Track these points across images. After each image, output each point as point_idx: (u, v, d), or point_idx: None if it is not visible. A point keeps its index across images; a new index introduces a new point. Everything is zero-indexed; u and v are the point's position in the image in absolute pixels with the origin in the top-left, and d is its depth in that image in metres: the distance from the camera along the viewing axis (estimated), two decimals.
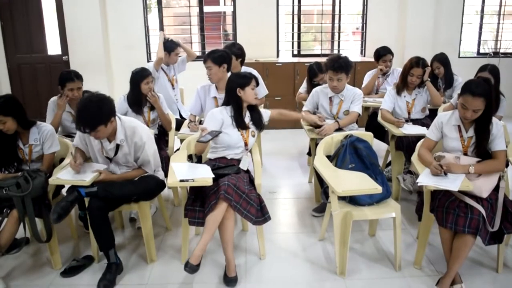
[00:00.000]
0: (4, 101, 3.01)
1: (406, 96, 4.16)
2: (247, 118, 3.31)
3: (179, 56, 5.03)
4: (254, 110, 3.37)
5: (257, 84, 3.34)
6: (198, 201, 2.98)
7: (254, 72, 4.64)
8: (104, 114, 2.80)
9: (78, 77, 3.78)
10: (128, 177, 3.08)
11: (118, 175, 3.08)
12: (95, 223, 2.89)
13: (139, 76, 3.87)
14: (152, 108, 3.95)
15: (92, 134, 2.86)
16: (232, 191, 2.80)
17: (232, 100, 3.26)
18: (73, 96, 3.78)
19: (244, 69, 4.66)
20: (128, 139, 3.01)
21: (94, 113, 2.76)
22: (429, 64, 4.87)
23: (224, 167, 3.08)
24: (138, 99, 3.89)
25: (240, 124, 3.25)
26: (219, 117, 3.22)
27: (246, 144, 3.27)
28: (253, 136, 3.33)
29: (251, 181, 3.14)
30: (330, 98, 3.98)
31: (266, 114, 3.54)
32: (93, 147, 3.08)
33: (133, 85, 3.89)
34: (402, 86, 4.16)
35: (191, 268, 2.69)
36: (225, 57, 3.91)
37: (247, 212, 2.87)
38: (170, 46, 4.83)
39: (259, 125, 3.38)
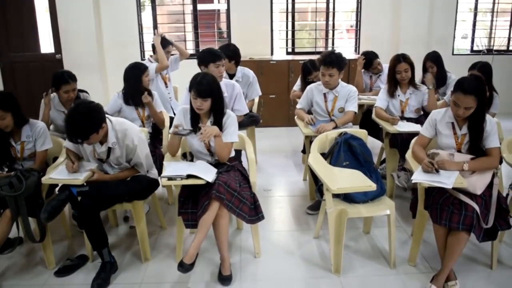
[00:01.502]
0: (4, 96, 3.04)
1: (400, 95, 4.15)
2: (208, 124, 3.06)
3: (171, 55, 5.02)
4: (217, 114, 3.06)
5: (198, 95, 2.93)
6: (190, 203, 2.96)
7: (251, 74, 4.69)
8: (95, 123, 2.77)
9: (72, 78, 3.76)
10: (120, 177, 3.07)
11: (111, 175, 3.06)
12: (87, 223, 2.88)
13: (140, 71, 3.88)
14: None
15: (85, 142, 2.85)
16: (224, 190, 2.78)
17: (191, 104, 3.08)
18: (68, 97, 3.77)
19: (240, 69, 4.66)
20: (120, 141, 2.99)
21: (84, 124, 2.71)
22: (424, 62, 4.91)
23: (214, 166, 3.06)
24: (139, 92, 3.86)
25: (192, 125, 3.08)
26: (181, 117, 3.13)
27: (209, 151, 3.12)
28: None
29: (246, 179, 3.12)
30: (325, 94, 3.97)
31: (228, 137, 3.08)
32: (85, 150, 3.06)
33: (134, 79, 3.87)
34: (393, 86, 4.14)
35: (185, 267, 2.68)
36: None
37: (239, 210, 2.85)
38: (162, 44, 4.80)
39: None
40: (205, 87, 2.93)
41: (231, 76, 4.58)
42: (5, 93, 3.11)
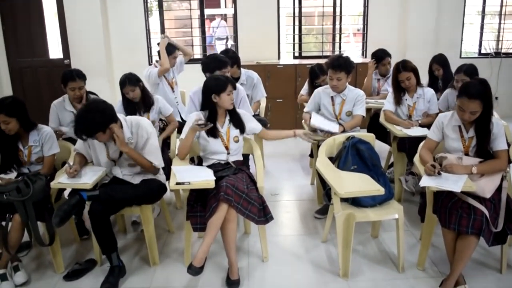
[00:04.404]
0: (10, 102, 3.08)
1: (407, 99, 4.12)
2: (226, 122, 3.19)
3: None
4: (232, 113, 3.22)
5: (234, 87, 3.14)
6: (198, 206, 2.98)
7: (254, 75, 4.70)
8: (104, 121, 2.82)
9: (79, 76, 3.76)
10: (137, 157, 3.01)
11: (133, 151, 3.00)
12: (97, 227, 2.89)
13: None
14: (147, 110, 3.93)
15: (92, 138, 2.89)
16: (232, 192, 2.80)
17: (207, 106, 3.14)
18: (74, 95, 3.77)
19: (244, 72, 4.67)
20: (135, 134, 3.03)
21: (92, 122, 2.77)
22: (431, 65, 4.90)
23: (222, 170, 3.09)
24: (129, 105, 3.91)
25: (211, 132, 3.12)
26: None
27: (227, 149, 3.18)
28: (236, 141, 3.21)
29: (253, 182, 3.13)
30: (332, 97, 3.96)
31: (255, 126, 3.38)
32: (96, 151, 3.08)
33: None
34: (398, 93, 4.12)
35: (194, 270, 2.69)
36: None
37: (248, 211, 2.86)
38: (168, 50, 4.78)
39: (241, 128, 3.24)
40: (231, 81, 3.15)
41: (236, 80, 4.58)
42: (12, 98, 3.13)
